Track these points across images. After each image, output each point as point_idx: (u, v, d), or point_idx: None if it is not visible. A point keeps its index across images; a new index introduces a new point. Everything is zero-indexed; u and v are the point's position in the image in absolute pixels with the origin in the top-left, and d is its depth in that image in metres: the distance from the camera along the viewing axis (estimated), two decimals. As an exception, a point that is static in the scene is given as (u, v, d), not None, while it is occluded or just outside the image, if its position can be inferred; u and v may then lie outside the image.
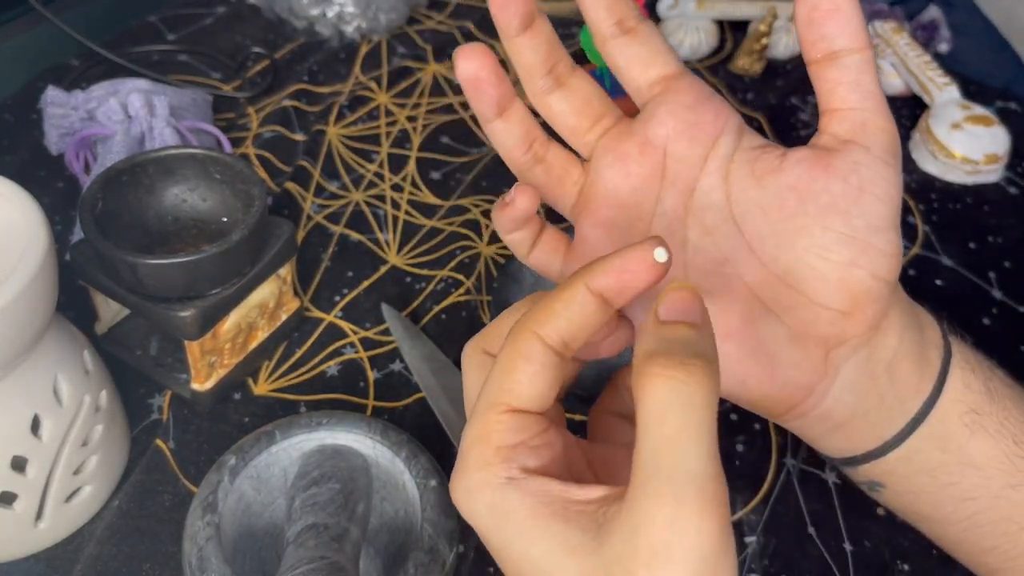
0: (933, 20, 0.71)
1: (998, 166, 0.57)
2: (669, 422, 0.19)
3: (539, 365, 0.22)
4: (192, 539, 0.31)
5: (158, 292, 0.36)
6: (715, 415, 0.20)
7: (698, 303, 0.21)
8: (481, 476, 0.22)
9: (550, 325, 0.22)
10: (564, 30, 0.69)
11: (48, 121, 0.49)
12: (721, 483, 0.19)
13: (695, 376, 0.19)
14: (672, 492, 0.19)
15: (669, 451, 0.19)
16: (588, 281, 0.22)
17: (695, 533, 0.19)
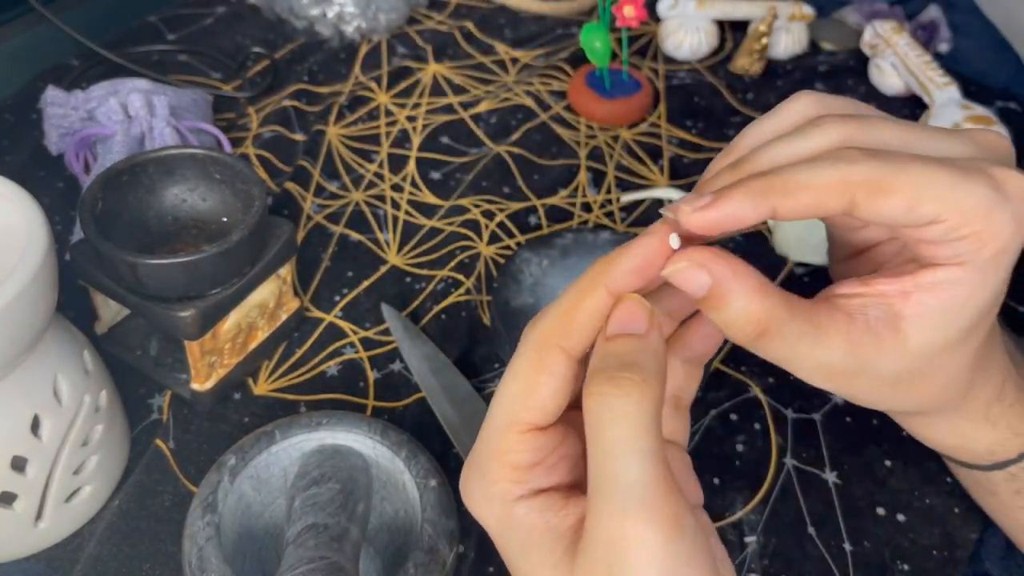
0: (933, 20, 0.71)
1: (998, 166, 0.57)
2: (604, 437, 0.20)
3: (563, 380, 0.22)
4: (192, 539, 0.31)
5: (158, 292, 0.36)
6: (651, 423, 0.20)
7: (642, 312, 0.22)
8: (496, 489, 0.22)
9: (575, 337, 0.22)
10: (564, 30, 0.69)
11: (48, 121, 0.49)
12: (666, 488, 0.20)
13: (623, 389, 0.20)
14: (615, 508, 0.19)
15: (607, 466, 0.20)
16: (608, 284, 0.22)
17: (644, 547, 0.19)
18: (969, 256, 0.23)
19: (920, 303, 0.23)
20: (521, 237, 0.51)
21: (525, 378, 0.22)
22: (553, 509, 0.22)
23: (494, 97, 0.61)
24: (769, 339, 0.23)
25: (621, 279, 0.22)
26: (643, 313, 0.22)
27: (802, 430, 0.42)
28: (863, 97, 0.65)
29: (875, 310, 0.24)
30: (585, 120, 0.60)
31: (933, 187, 0.22)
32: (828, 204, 0.22)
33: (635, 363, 0.21)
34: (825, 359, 0.23)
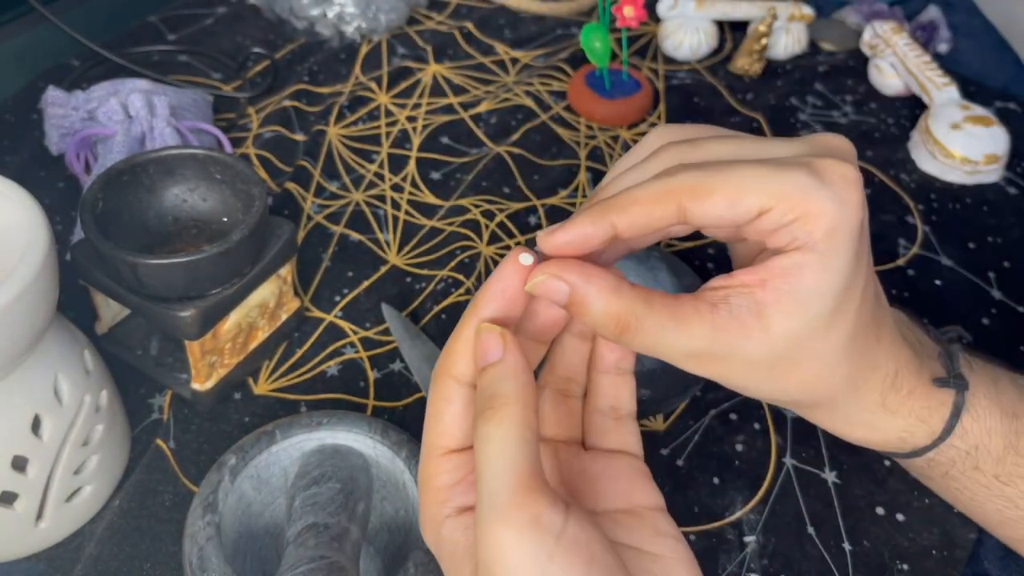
0: (932, 20, 0.72)
1: (997, 166, 0.57)
2: (478, 461, 0.22)
3: (460, 404, 0.25)
4: (192, 539, 0.31)
5: (158, 292, 0.36)
6: (515, 440, 0.22)
7: (494, 339, 0.24)
8: (428, 514, 0.25)
9: (459, 366, 0.25)
10: (564, 30, 0.69)
11: (49, 121, 0.49)
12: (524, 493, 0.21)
13: (486, 418, 0.23)
14: (481, 519, 0.21)
15: (479, 485, 0.22)
16: (478, 313, 0.25)
17: (502, 548, 0.21)
18: (804, 238, 0.25)
19: (775, 289, 0.25)
20: (521, 237, 0.51)
21: (432, 407, 0.25)
22: (473, 527, 0.24)
23: (494, 97, 0.61)
24: (632, 333, 0.25)
25: (487, 305, 0.25)
26: (495, 339, 0.24)
27: (801, 430, 0.42)
28: (863, 97, 0.65)
29: (738, 299, 0.26)
30: (585, 120, 0.60)
31: (751, 182, 0.24)
32: (658, 214, 0.25)
33: (495, 393, 0.23)
34: (690, 346, 0.25)
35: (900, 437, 0.31)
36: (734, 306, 0.26)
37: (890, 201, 0.56)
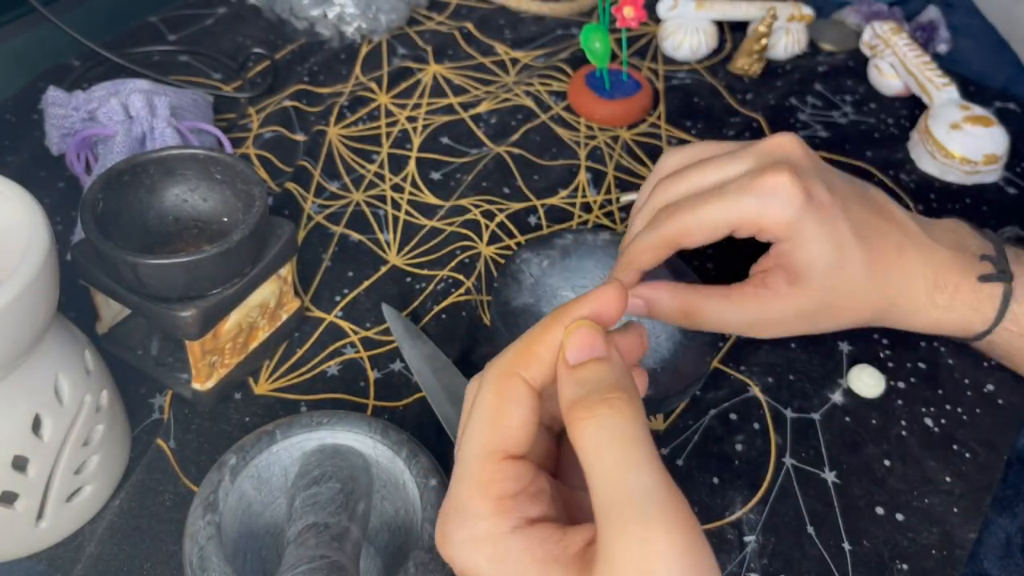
0: (932, 20, 0.72)
1: (997, 166, 0.57)
2: (608, 456, 0.20)
3: (527, 409, 0.23)
4: (193, 538, 0.31)
5: (159, 292, 0.36)
6: (648, 437, 0.20)
7: (598, 336, 0.23)
8: (486, 527, 0.22)
9: (534, 368, 0.23)
10: (564, 31, 0.70)
11: (49, 121, 0.49)
12: (678, 496, 0.20)
13: (617, 407, 0.21)
14: (635, 516, 0.19)
15: (618, 481, 0.20)
16: (572, 316, 0.24)
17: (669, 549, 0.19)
18: (772, 238, 0.36)
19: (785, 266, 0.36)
20: (521, 237, 0.51)
21: (493, 408, 0.23)
22: (553, 539, 0.22)
23: (494, 98, 0.61)
24: (697, 316, 0.36)
25: (583, 308, 0.24)
26: (599, 337, 0.23)
27: (801, 430, 0.42)
28: (862, 97, 0.65)
29: (772, 276, 0.37)
30: (585, 120, 0.60)
31: (717, 217, 0.35)
32: (662, 254, 0.37)
33: (617, 383, 0.22)
34: (749, 317, 0.37)
35: (961, 326, 0.40)
36: (770, 282, 0.36)
37: (890, 201, 0.56)
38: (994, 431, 0.43)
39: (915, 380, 0.45)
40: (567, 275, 0.45)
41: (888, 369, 0.45)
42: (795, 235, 0.35)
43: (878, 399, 0.44)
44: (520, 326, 0.43)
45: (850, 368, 0.45)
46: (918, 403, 0.44)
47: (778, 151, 0.37)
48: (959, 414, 0.44)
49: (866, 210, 0.38)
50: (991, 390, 0.45)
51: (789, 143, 0.37)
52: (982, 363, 0.46)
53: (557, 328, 0.23)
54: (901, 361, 0.46)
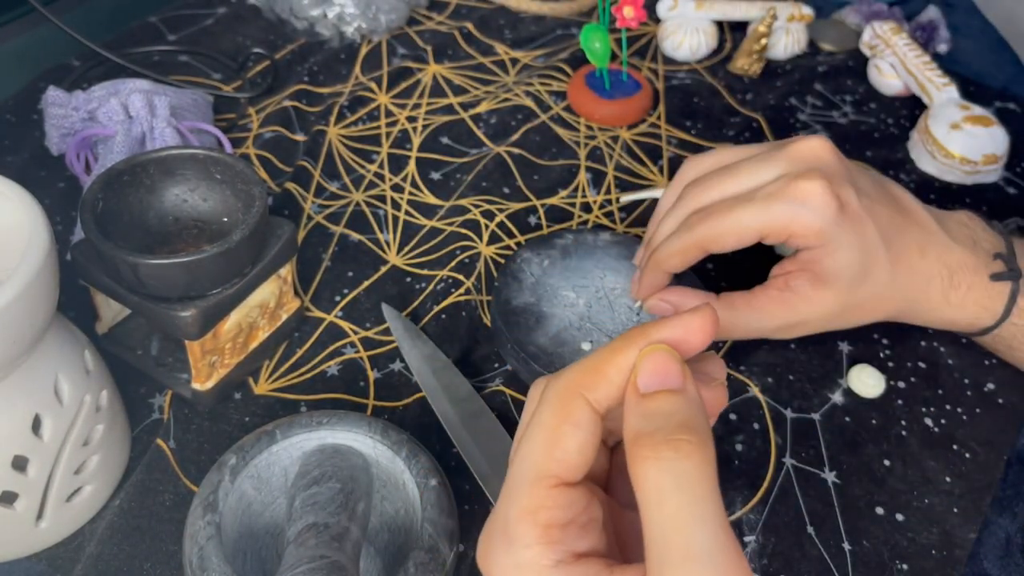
0: (932, 20, 0.72)
1: (997, 166, 0.57)
2: (668, 504, 0.18)
3: (589, 433, 0.21)
4: (193, 538, 0.31)
5: (159, 292, 0.36)
6: (714, 487, 0.19)
7: (675, 365, 0.21)
8: (528, 555, 0.21)
9: (601, 390, 0.21)
10: (564, 31, 0.70)
11: (49, 121, 0.49)
12: (735, 554, 0.18)
13: (683, 452, 0.19)
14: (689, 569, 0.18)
15: (675, 533, 0.18)
16: (649, 338, 0.21)
17: None
18: (803, 244, 0.37)
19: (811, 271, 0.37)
20: (521, 237, 0.51)
21: (550, 429, 0.21)
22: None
23: (494, 98, 0.61)
24: (728, 328, 0.38)
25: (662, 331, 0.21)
26: (676, 366, 0.21)
27: (801, 430, 0.42)
28: (862, 97, 0.65)
29: (795, 280, 0.37)
30: (585, 120, 0.60)
31: (748, 222, 0.36)
32: (691, 257, 0.37)
33: (689, 423, 0.20)
34: (774, 324, 0.38)
35: (970, 322, 0.41)
36: (794, 286, 0.37)
37: (890, 201, 0.56)
38: (994, 431, 0.43)
39: (915, 380, 0.45)
40: (567, 275, 0.45)
41: (888, 369, 0.45)
42: (826, 242, 0.36)
43: (878, 399, 0.44)
44: (520, 326, 0.43)
45: (850, 368, 0.45)
46: (918, 403, 0.44)
47: (809, 156, 0.37)
48: (959, 414, 0.44)
49: (891, 210, 0.39)
50: (991, 389, 0.45)
51: (820, 147, 0.37)
52: (982, 362, 0.46)
53: (631, 350, 0.21)
54: (901, 361, 0.46)
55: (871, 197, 0.38)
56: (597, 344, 0.42)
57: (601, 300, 0.44)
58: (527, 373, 0.42)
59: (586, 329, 0.43)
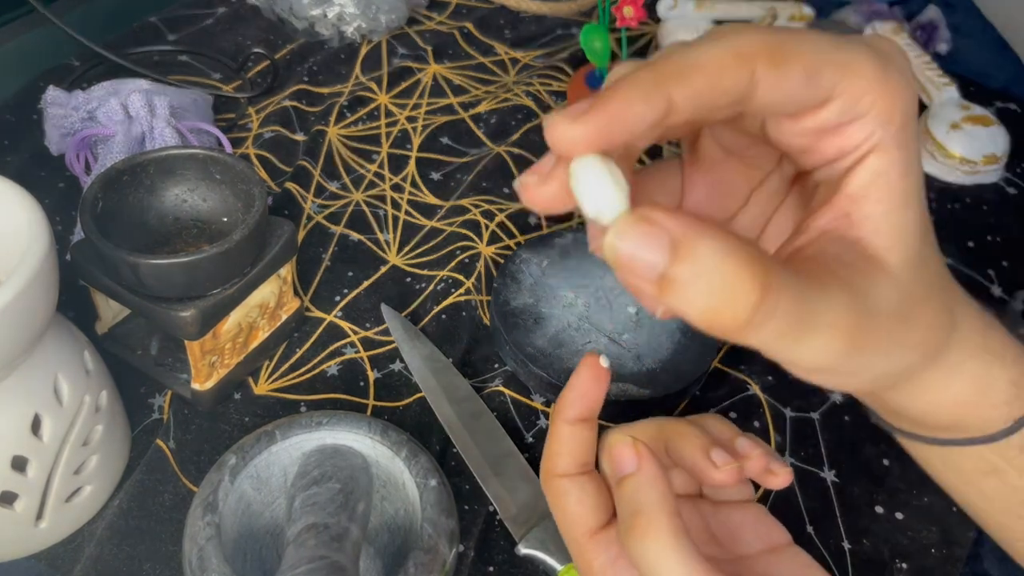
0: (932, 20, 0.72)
1: (997, 166, 0.57)
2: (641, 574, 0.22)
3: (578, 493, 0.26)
4: (192, 539, 0.31)
5: (159, 292, 0.36)
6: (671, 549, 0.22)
7: (627, 451, 0.24)
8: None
9: (560, 465, 0.26)
10: (564, 30, 0.69)
11: (49, 121, 0.49)
12: None
13: (636, 535, 0.22)
14: None
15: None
16: (565, 418, 0.26)
17: None
18: (881, 133, 0.20)
19: (867, 217, 0.20)
20: (521, 237, 0.51)
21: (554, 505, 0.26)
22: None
23: (494, 97, 0.61)
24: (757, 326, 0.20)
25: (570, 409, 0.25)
26: (627, 450, 0.24)
27: (801, 429, 0.42)
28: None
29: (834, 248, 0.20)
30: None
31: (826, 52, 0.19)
32: (728, 83, 0.18)
33: (637, 508, 0.23)
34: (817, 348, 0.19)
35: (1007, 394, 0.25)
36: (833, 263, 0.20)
37: (890, 201, 0.56)
38: (994, 431, 0.43)
39: (915, 380, 0.45)
40: (567, 275, 0.45)
41: (888, 369, 0.45)
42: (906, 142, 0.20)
43: (878, 399, 0.44)
44: (520, 326, 0.43)
45: (850, 368, 0.45)
46: (918, 403, 0.44)
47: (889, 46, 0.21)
48: (959, 414, 0.44)
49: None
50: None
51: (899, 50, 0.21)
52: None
53: (558, 426, 0.26)
54: (901, 361, 0.46)
55: None
56: (595, 344, 0.42)
57: (600, 300, 0.44)
58: (526, 374, 0.42)
59: (585, 330, 0.43)
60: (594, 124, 0.17)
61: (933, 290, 0.22)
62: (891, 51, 0.20)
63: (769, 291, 0.16)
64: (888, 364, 0.21)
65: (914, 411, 0.26)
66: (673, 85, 0.18)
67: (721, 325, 0.17)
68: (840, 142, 0.20)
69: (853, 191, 0.20)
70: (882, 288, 0.20)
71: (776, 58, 0.18)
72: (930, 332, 0.22)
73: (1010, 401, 0.25)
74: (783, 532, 0.28)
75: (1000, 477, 0.27)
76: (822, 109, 0.19)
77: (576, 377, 0.26)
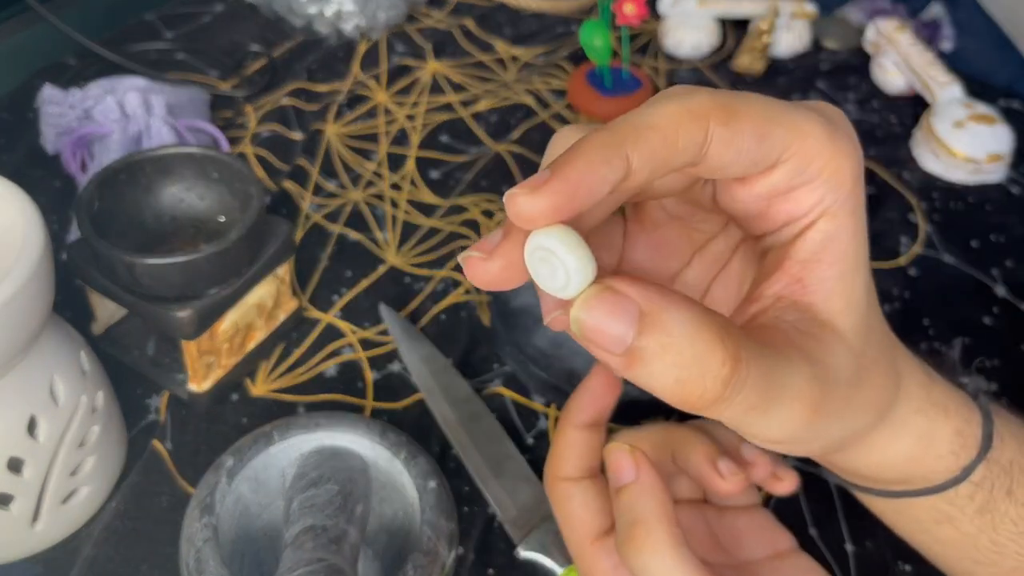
0: (936, 18, 0.71)
1: (1001, 165, 0.57)
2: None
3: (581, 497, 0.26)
4: (189, 541, 0.30)
5: (155, 292, 0.35)
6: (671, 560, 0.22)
7: (625, 460, 0.24)
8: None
9: (565, 468, 0.26)
10: (564, 28, 0.69)
11: (45, 120, 0.49)
12: None
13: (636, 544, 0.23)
14: None
15: None
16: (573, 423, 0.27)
17: None
18: (831, 198, 0.20)
19: (819, 281, 0.20)
20: (521, 236, 0.50)
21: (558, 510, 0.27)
22: None
23: (494, 95, 0.61)
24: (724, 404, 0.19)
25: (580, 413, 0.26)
26: (626, 459, 0.25)
27: (804, 431, 0.42)
28: (865, 95, 0.65)
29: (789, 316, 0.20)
30: (585, 118, 0.60)
31: (775, 114, 0.19)
32: (683, 142, 0.18)
33: (636, 517, 0.23)
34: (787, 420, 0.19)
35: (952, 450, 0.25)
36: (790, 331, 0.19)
37: (892, 199, 0.56)
38: (998, 432, 0.43)
39: (918, 380, 0.45)
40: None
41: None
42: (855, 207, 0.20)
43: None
44: (520, 326, 0.42)
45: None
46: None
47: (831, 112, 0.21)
48: (962, 415, 0.43)
49: None
50: (994, 389, 0.44)
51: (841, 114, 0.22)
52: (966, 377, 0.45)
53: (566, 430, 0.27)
54: (904, 361, 0.45)
55: None
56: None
57: (602, 300, 0.44)
58: (526, 374, 0.42)
59: (586, 329, 0.42)
60: (557, 193, 0.17)
61: (882, 350, 0.22)
62: (836, 116, 0.20)
63: (739, 364, 0.16)
64: (842, 429, 0.21)
65: (864, 469, 0.26)
66: (630, 145, 0.18)
67: (690, 400, 0.16)
68: (790, 208, 0.20)
69: (805, 256, 0.20)
70: (839, 356, 0.20)
71: (727, 117, 0.18)
72: (881, 392, 0.22)
73: (956, 451, 0.25)
74: (788, 537, 0.28)
75: (954, 525, 0.27)
76: (772, 172, 0.19)
77: (588, 382, 0.26)
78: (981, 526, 0.26)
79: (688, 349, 0.16)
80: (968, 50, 0.71)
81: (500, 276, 0.18)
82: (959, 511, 0.26)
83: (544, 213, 0.17)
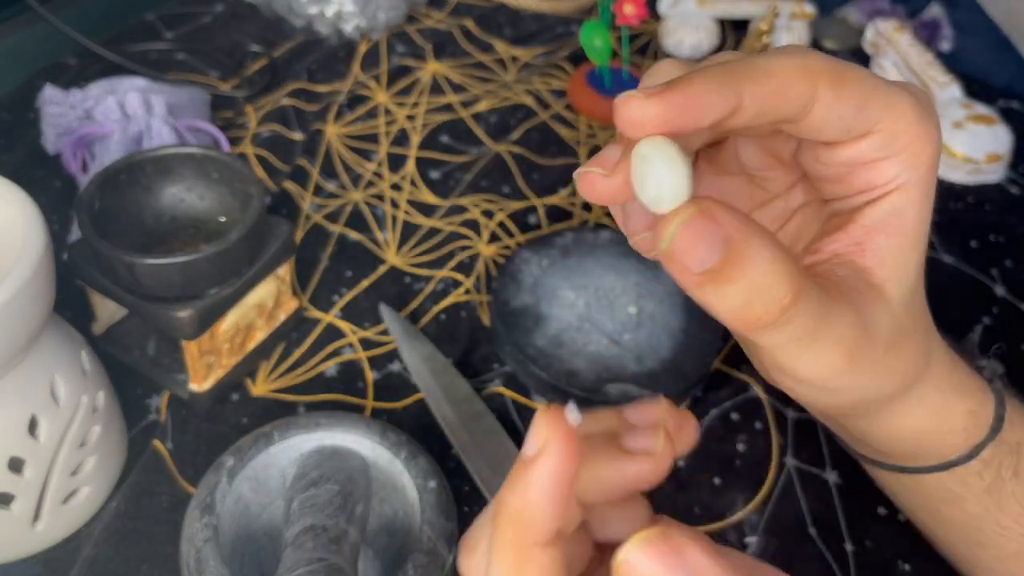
0: (935, 18, 0.71)
1: (1000, 165, 0.57)
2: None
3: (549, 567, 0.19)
4: (190, 541, 0.31)
5: (156, 292, 0.35)
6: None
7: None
8: None
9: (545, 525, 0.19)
10: (564, 28, 0.69)
11: (45, 120, 0.49)
12: None
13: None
14: None
15: None
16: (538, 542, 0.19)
17: None
18: (907, 175, 0.21)
19: (878, 248, 0.21)
20: (521, 237, 0.50)
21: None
22: None
23: (494, 96, 0.61)
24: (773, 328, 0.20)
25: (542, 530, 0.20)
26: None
27: (803, 430, 0.42)
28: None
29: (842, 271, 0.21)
30: (585, 119, 0.60)
31: (875, 87, 0.20)
32: (794, 93, 0.19)
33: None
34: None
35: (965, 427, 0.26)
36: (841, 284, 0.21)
37: (892, 200, 0.56)
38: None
39: (917, 380, 0.45)
40: (567, 274, 0.45)
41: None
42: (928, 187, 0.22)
43: (880, 399, 0.44)
44: (519, 326, 0.42)
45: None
46: (920, 403, 0.44)
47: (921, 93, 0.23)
48: (962, 414, 0.43)
49: None
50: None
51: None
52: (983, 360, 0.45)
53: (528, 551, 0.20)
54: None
55: None
56: (596, 344, 0.42)
57: (601, 300, 0.44)
58: (526, 374, 0.42)
59: (585, 330, 0.43)
60: (671, 105, 0.18)
61: (918, 325, 0.23)
62: (925, 99, 0.22)
63: (800, 296, 0.18)
64: (871, 388, 0.23)
65: (876, 439, 0.27)
66: (747, 85, 0.19)
67: (748, 321, 0.18)
68: (871, 177, 0.21)
69: (870, 223, 0.21)
70: (880, 315, 0.21)
71: (836, 81, 0.20)
72: (911, 363, 0.24)
73: (968, 429, 0.26)
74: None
75: (960, 506, 0.28)
76: (862, 140, 0.21)
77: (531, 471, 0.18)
78: (988, 506, 0.27)
79: (761, 278, 0.17)
80: (967, 50, 0.71)
81: (620, 191, 0.19)
82: (967, 490, 0.27)
83: (653, 120, 0.18)
